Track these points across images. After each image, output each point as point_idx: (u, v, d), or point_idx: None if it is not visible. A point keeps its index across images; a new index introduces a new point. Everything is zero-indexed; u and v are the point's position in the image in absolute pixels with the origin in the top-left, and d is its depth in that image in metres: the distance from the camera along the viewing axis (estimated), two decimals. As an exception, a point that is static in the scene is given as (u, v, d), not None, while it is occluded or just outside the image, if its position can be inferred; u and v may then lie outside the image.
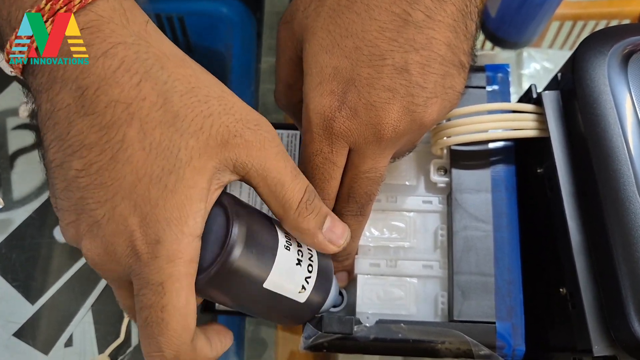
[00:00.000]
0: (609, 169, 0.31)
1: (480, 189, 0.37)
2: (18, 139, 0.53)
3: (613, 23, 0.57)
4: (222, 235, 0.28)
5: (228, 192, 0.30)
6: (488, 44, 0.58)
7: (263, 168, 0.28)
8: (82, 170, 0.26)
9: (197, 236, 0.27)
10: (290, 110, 0.38)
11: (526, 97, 0.39)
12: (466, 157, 0.38)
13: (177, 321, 0.26)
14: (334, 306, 0.37)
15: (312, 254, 0.32)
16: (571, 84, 0.34)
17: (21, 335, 0.47)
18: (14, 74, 0.28)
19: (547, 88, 0.38)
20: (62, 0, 0.26)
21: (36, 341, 0.47)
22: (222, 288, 0.28)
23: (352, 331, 0.34)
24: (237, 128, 0.28)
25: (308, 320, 0.34)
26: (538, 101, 0.37)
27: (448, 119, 0.38)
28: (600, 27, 0.57)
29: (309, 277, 0.31)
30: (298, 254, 0.31)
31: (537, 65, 0.59)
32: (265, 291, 0.29)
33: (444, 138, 0.37)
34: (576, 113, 0.34)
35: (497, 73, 0.40)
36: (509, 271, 0.36)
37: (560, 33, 0.58)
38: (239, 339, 0.48)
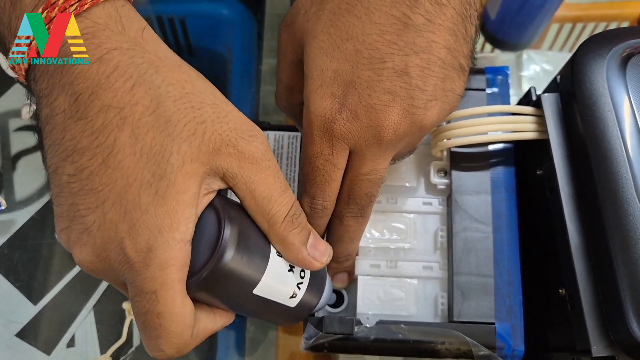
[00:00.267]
0: (608, 171, 0.31)
1: (480, 191, 0.38)
2: (20, 141, 0.53)
3: (612, 25, 0.57)
4: (214, 238, 0.27)
5: (221, 194, 0.29)
6: (488, 46, 0.58)
7: (252, 181, 0.28)
8: (74, 175, 0.26)
9: (188, 241, 0.26)
10: (291, 112, 0.38)
11: (525, 100, 0.39)
12: (466, 159, 0.38)
13: (175, 324, 0.26)
14: (330, 305, 0.37)
15: None
16: (570, 87, 0.34)
17: (23, 335, 0.47)
18: (18, 80, 0.28)
19: (547, 90, 0.38)
20: (59, 7, 0.26)
21: (38, 341, 0.47)
22: (213, 292, 0.28)
23: (353, 332, 0.34)
24: (231, 137, 0.27)
25: (301, 320, 0.34)
26: (537, 103, 0.37)
27: (448, 121, 0.38)
28: (599, 30, 0.58)
29: (301, 284, 0.31)
30: None
31: (537, 67, 0.59)
32: (255, 296, 0.29)
33: (444, 140, 0.38)
34: (575, 115, 0.34)
35: (497, 75, 0.40)
36: (509, 272, 0.36)
37: (559, 35, 0.58)
38: (240, 339, 0.48)
